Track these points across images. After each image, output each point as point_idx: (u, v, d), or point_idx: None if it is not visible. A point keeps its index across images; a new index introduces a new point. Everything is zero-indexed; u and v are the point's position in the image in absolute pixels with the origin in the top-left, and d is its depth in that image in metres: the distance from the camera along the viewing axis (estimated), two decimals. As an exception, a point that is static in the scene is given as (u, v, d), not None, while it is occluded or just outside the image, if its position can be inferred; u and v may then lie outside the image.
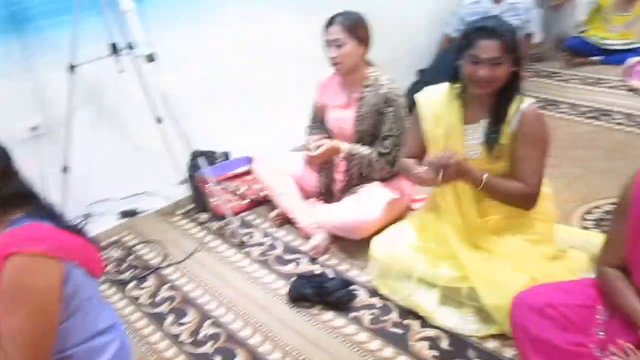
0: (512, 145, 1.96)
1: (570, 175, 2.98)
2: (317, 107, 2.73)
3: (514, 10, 4.04)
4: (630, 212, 1.54)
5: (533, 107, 1.95)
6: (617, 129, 3.51)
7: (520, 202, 1.99)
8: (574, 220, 2.63)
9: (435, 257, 2.11)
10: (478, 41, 1.86)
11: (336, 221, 2.50)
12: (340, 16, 2.44)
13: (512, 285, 1.84)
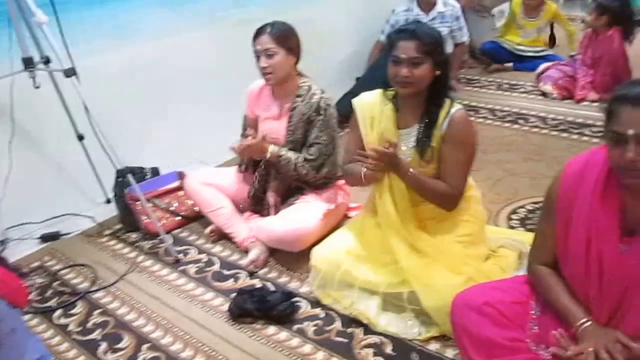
0: (441, 148, 2.04)
1: (494, 178, 3.11)
2: (248, 118, 2.71)
3: (443, 18, 4.25)
4: (557, 208, 1.61)
5: (462, 112, 2.04)
6: (533, 132, 3.70)
7: (442, 202, 2.07)
8: (501, 220, 2.74)
9: (376, 263, 2.13)
10: (398, 43, 1.97)
11: (273, 234, 2.48)
12: (269, 26, 2.45)
13: (450, 286, 1.90)
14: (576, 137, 3.55)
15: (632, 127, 1.37)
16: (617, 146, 1.41)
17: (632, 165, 1.39)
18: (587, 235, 1.54)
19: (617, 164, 1.43)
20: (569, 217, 1.58)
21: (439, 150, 2.04)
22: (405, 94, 2.03)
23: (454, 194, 2.05)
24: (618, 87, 1.47)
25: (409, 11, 4.28)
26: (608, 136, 1.44)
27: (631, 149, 1.37)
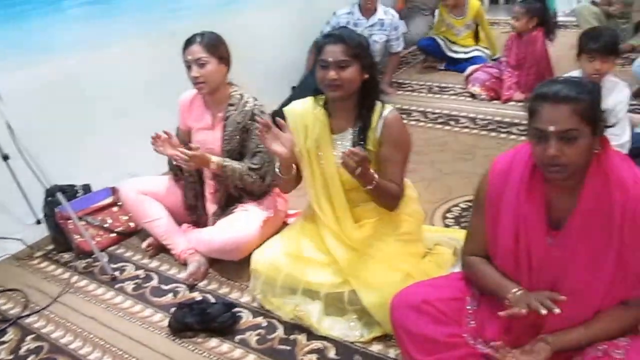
0: (377, 150, 2.07)
1: (429, 178, 3.19)
2: (181, 130, 2.68)
3: (382, 25, 4.36)
4: (486, 204, 1.67)
5: (394, 113, 2.09)
6: (464, 132, 3.81)
7: (387, 202, 2.09)
8: (436, 219, 2.80)
9: (317, 264, 2.15)
10: (325, 47, 2.01)
11: (212, 244, 2.46)
12: (198, 36, 2.43)
13: (390, 284, 1.95)
14: (504, 135, 3.69)
15: (552, 124, 1.43)
16: (539, 143, 1.47)
17: (554, 160, 1.45)
18: (516, 229, 1.60)
19: (540, 159, 1.49)
20: (497, 212, 1.64)
21: (376, 152, 2.07)
22: (335, 98, 2.05)
23: (400, 193, 2.09)
24: (538, 86, 1.53)
25: (350, 14, 4.37)
26: (531, 133, 1.50)
27: (552, 145, 1.44)
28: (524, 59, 4.13)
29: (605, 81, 2.87)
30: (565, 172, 1.47)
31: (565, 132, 1.43)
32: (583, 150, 1.45)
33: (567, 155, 1.44)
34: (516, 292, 1.57)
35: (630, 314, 1.56)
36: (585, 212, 1.52)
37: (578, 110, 1.43)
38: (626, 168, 1.53)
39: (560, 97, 1.44)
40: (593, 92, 1.49)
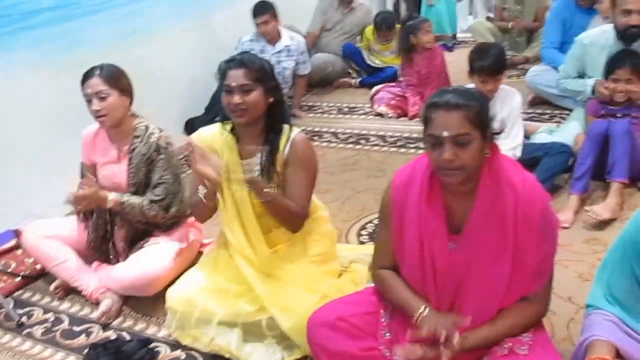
0: (284, 171, 2.11)
1: (343, 197, 3.25)
2: (86, 165, 2.60)
3: (289, 51, 4.43)
4: (391, 215, 1.73)
5: (301, 135, 2.14)
6: (374, 150, 3.92)
7: (290, 222, 2.13)
8: (352, 237, 2.86)
9: (232, 295, 2.13)
10: (228, 72, 2.03)
11: (124, 281, 2.39)
12: (97, 69, 2.39)
13: (307, 306, 1.96)
14: (413, 151, 3.81)
15: (446, 129, 1.52)
16: (435, 148, 1.56)
17: (450, 164, 1.54)
18: (419, 236, 1.67)
19: (437, 164, 1.58)
20: (402, 223, 1.70)
21: (283, 174, 2.10)
22: (241, 122, 2.07)
23: (302, 214, 2.12)
24: (431, 97, 1.63)
25: (254, 41, 4.42)
26: (427, 140, 1.59)
27: (447, 149, 1.52)
28: (426, 74, 4.32)
29: (498, 91, 3.06)
30: (461, 175, 1.55)
31: (458, 137, 1.52)
32: (476, 154, 1.55)
33: (462, 158, 1.53)
34: (422, 312, 1.64)
35: (531, 308, 1.66)
36: (481, 214, 1.61)
37: (468, 116, 1.53)
38: (515, 170, 1.64)
39: (451, 105, 1.54)
40: (481, 99, 1.60)
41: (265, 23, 4.31)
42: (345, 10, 5.08)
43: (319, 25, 5.07)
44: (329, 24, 5.10)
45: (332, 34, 5.16)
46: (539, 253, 1.61)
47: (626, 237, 1.61)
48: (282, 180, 2.11)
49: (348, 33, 5.20)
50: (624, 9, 2.99)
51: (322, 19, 5.06)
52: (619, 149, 2.80)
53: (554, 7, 4.44)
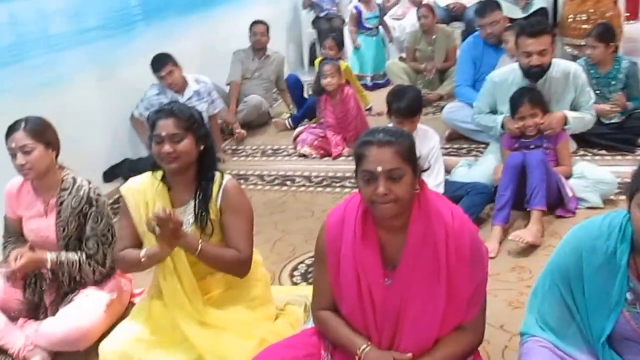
0: (220, 219, 2.10)
1: (273, 239, 3.24)
2: (10, 220, 2.51)
3: (199, 95, 4.41)
4: (327, 255, 1.76)
5: (232, 181, 2.15)
6: (301, 191, 3.95)
7: (235, 268, 2.12)
8: (284, 279, 2.85)
9: (168, 345, 2.07)
10: (158, 122, 2.05)
11: (54, 336, 2.28)
12: (22, 122, 2.32)
13: (244, 352, 1.95)
14: (339, 190, 3.87)
15: (380, 164, 1.59)
16: (369, 184, 1.62)
17: (384, 198, 1.60)
18: (356, 274, 1.70)
19: (370, 199, 1.63)
20: (337, 262, 1.73)
21: (219, 222, 2.10)
22: (173, 170, 2.07)
23: (245, 258, 2.11)
24: (362, 135, 1.71)
25: (161, 94, 4.31)
26: (360, 177, 1.65)
27: (382, 183, 1.59)
28: (341, 117, 4.42)
29: (416, 131, 3.16)
30: (395, 208, 1.62)
31: (392, 171, 1.60)
32: (408, 187, 1.62)
33: (395, 192, 1.60)
34: (364, 349, 1.67)
35: (467, 337, 1.71)
36: (414, 249, 1.66)
37: (400, 152, 1.61)
38: (443, 204, 1.73)
39: (384, 141, 1.61)
40: (409, 137, 1.70)
41: (170, 74, 4.25)
42: (261, 58, 5.26)
43: (239, 74, 5.19)
44: (247, 73, 5.22)
45: (252, 82, 5.25)
46: (471, 282, 1.68)
47: (553, 264, 1.71)
48: (216, 227, 2.10)
49: (267, 79, 5.32)
50: (525, 51, 3.21)
51: (240, 68, 5.19)
52: (536, 178, 2.95)
53: (463, 47, 4.70)
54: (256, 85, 5.26)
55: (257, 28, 5.21)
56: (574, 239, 1.65)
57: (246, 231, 2.12)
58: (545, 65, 3.24)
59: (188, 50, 4.81)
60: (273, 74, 5.31)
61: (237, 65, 5.19)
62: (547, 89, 3.33)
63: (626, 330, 1.58)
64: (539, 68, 3.24)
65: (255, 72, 5.24)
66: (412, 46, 5.67)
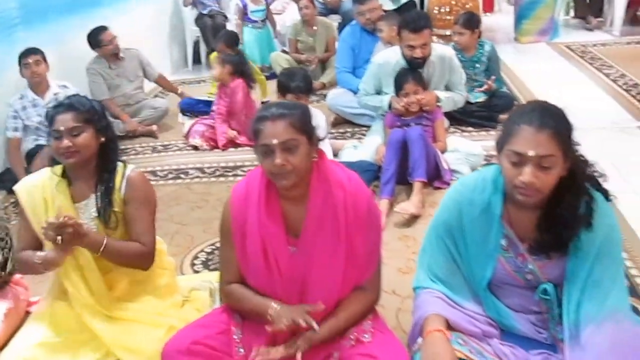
0: (124, 210, 2.07)
1: (171, 232, 3.23)
2: None
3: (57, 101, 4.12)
4: (232, 230, 1.82)
5: (137, 171, 2.13)
6: (195, 183, 3.94)
7: (139, 262, 2.10)
8: (186, 269, 2.87)
9: (74, 346, 2.02)
10: (55, 117, 2.00)
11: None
12: None
13: (154, 341, 1.95)
14: (232, 178, 3.89)
15: (274, 137, 1.67)
16: (266, 157, 1.70)
17: (282, 169, 1.67)
18: (262, 244, 1.77)
19: (270, 171, 1.71)
20: (244, 234, 1.79)
21: (122, 213, 2.06)
22: (73, 165, 2.02)
23: (148, 250, 2.08)
24: (258, 111, 1.77)
25: (23, 98, 4.12)
26: (258, 151, 1.72)
27: (278, 155, 1.66)
28: (230, 107, 4.46)
29: None
30: (293, 178, 1.70)
31: (287, 142, 1.67)
32: (304, 157, 1.70)
33: (292, 162, 1.68)
34: (276, 307, 1.74)
35: (366, 296, 1.84)
36: (315, 216, 1.76)
37: (293, 123, 1.69)
38: (340, 171, 1.84)
39: (277, 114, 1.69)
40: (302, 108, 1.78)
41: (36, 63, 4.02)
42: (118, 63, 4.90)
43: (105, 88, 4.86)
44: (113, 82, 4.91)
45: (124, 88, 4.96)
46: (367, 243, 1.80)
47: (438, 219, 1.86)
48: (120, 219, 2.07)
49: (135, 78, 5.04)
50: (408, 44, 3.44)
51: (102, 82, 4.85)
52: (417, 151, 3.19)
53: (342, 36, 4.91)
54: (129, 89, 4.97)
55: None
56: (455, 194, 1.82)
57: (150, 222, 2.11)
58: (426, 57, 3.52)
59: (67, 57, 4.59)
60: (138, 70, 5.06)
61: (97, 80, 4.82)
62: (427, 71, 3.59)
63: (503, 275, 1.76)
64: (420, 60, 3.50)
65: (119, 77, 4.92)
66: (294, 38, 5.81)
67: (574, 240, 1.64)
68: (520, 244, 1.72)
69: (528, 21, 6.57)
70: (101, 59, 4.84)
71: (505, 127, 1.63)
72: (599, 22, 7.00)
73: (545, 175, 1.55)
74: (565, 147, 1.57)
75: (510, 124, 1.61)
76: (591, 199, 1.64)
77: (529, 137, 1.54)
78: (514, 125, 1.58)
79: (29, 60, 4.02)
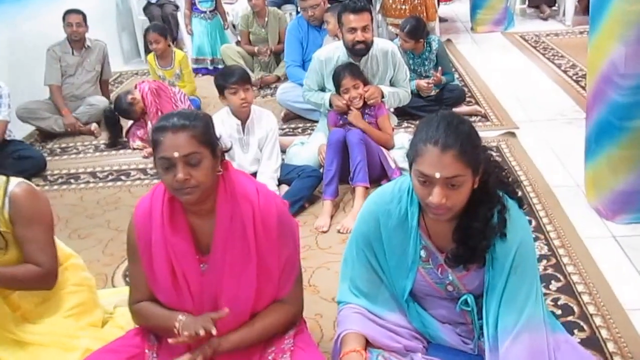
0: (13, 231, 1.89)
1: (105, 239, 3.11)
2: None
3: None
4: (138, 248, 1.72)
5: (22, 186, 1.92)
6: (137, 185, 3.81)
7: (40, 285, 1.95)
8: (118, 280, 2.75)
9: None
10: None
11: None
12: None
13: None
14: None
15: (176, 150, 1.56)
16: (167, 171, 1.59)
17: (184, 184, 1.57)
18: (169, 263, 1.68)
19: (172, 186, 1.61)
20: (150, 252, 1.70)
21: (13, 234, 1.89)
22: None
23: (48, 271, 1.93)
24: (158, 120, 1.66)
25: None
26: (159, 164, 1.61)
27: (180, 169, 1.56)
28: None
29: (254, 112, 3.23)
30: (197, 193, 1.60)
31: (189, 156, 1.58)
32: (208, 171, 1.61)
33: (195, 177, 1.58)
34: (182, 318, 1.66)
35: (284, 309, 1.77)
36: (223, 231, 1.67)
37: (195, 135, 1.59)
38: (248, 183, 1.75)
39: (178, 126, 1.59)
40: (205, 119, 1.67)
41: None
42: (81, 51, 4.83)
43: (58, 75, 4.74)
44: (69, 69, 4.79)
45: (76, 78, 4.83)
46: (281, 257, 1.73)
47: (357, 231, 1.79)
48: (11, 240, 1.89)
49: (92, 71, 4.93)
50: (349, 27, 3.33)
51: (58, 68, 4.74)
52: (357, 155, 3.12)
53: (289, 29, 4.78)
54: (81, 81, 4.85)
55: (71, 18, 4.67)
56: (371, 205, 1.75)
57: (44, 241, 1.93)
58: (369, 42, 3.37)
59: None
60: (98, 64, 4.93)
61: (54, 64, 4.72)
62: (369, 66, 3.48)
63: (424, 286, 1.72)
64: (364, 45, 3.35)
65: (79, 66, 4.83)
66: (246, 30, 5.65)
67: (490, 250, 1.60)
68: (440, 255, 1.67)
69: (483, 11, 6.53)
70: (66, 42, 4.77)
71: (412, 144, 1.56)
72: (553, 11, 7.00)
73: (455, 193, 1.50)
74: (473, 164, 1.51)
75: (416, 141, 1.54)
76: (504, 208, 1.59)
77: (434, 159, 1.48)
78: (420, 143, 1.52)
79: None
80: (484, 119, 4.27)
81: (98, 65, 4.94)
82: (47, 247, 1.94)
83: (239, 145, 3.29)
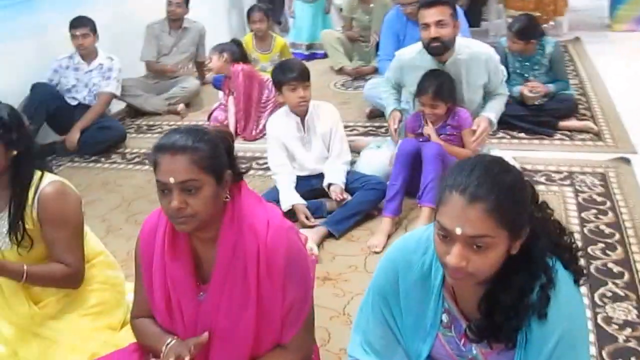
0: (41, 230, 1.88)
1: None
2: None
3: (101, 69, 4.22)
4: (142, 265, 1.63)
5: (53, 185, 1.88)
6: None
7: (66, 284, 1.95)
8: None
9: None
10: None
11: None
12: None
13: None
14: (252, 172, 3.58)
15: (172, 175, 1.40)
16: (165, 196, 1.44)
17: (179, 213, 1.42)
18: (165, 288, 1.56)
19: (167, 212, 1.46)
20: (151, 272, 1.59)
21: (40, 232, 1.88)
22: None
23: (74, 272, 1.92)
24: (160, 138, 1.49)
25: (70, 58, 4.21)
26: (158, 187, 1.45)
27: (175, 197, 1.41)
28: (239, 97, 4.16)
29: (312, 107, 3.02)
30: (194, 223, 1.45)
31: (186, 183, 1.41)
32: (208, 200, 1.44)
33: (192, 206, 1.42)
34: (169, 343, 1.55)
35: (286, 356, 1.59)
36: (224, 262, 1.52)
37: (196, 161, 1.42)
38: (259, 213, 1.56)
39: (178, 147, 1.42)
40: (213, 141, 1.48)
41: (84, 36, 4.08)
42: (177, 31, 4.89)
43: (154, 52, 4.85)
44: (164, 49, 4.88)
45: (170, 58, 4.91)
46: (286, 300, 1.54)
47: (374, 284, 1.54)
48: (37, 238, 1.89)
49: (186, 52, 4.98)
50: (423, 23, 2.94)
51: (155, 44, 4.84)
52: (430, 172, 2.75)
53: (386, 21, 4.43)
54: (175, 61, 4.90)
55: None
56: (393, 252, 1.50)
57: (71, 242, 1.90)
58: (446, 39, 2.91)
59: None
60: (192, 46, 4.98)
61: (152, 41, 4.83)
62: (457, 71, 3.06)
63: (442, 355, 1.45)
64: (438, 42, 2.92)
65: (174, 47, 4.89)
66: (349, 15, 5.41)
67: (525, 329, 1.29)
68: (464, 323, 1.39)
69: (625, 6, 5.73)
70: (165, 21, 4.84)
71: (440, 188, 1.27)
72: None
73: (480, 257, 1.21)
74: (510, 225, 1.20)
75: (443, 186, 1.26)
76: (549, 283, 1.27)
77: (458, 211, 1.19)
78: (446, 190, 1.23)
79: (76, 33, 4.06)
80: (595, 137, 3.67)
81: (192, 47, 4.96)
82: (74, 248, 1.92)
83: (301, 144, 3.08)
